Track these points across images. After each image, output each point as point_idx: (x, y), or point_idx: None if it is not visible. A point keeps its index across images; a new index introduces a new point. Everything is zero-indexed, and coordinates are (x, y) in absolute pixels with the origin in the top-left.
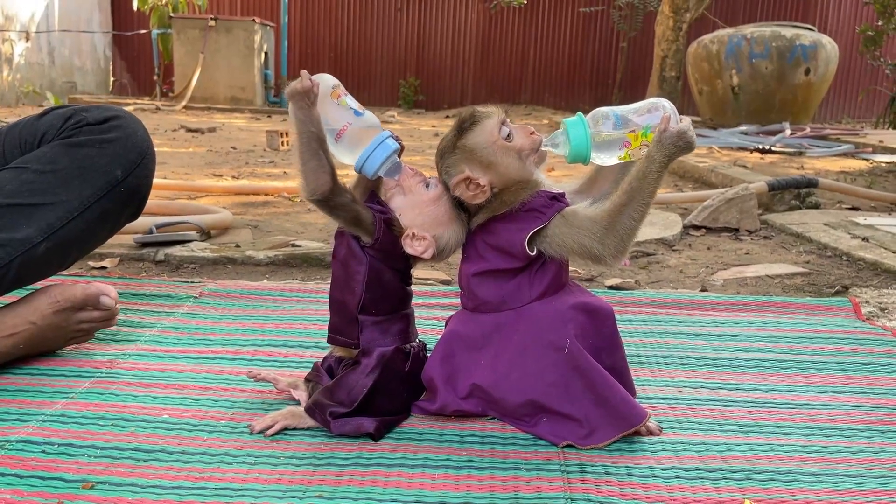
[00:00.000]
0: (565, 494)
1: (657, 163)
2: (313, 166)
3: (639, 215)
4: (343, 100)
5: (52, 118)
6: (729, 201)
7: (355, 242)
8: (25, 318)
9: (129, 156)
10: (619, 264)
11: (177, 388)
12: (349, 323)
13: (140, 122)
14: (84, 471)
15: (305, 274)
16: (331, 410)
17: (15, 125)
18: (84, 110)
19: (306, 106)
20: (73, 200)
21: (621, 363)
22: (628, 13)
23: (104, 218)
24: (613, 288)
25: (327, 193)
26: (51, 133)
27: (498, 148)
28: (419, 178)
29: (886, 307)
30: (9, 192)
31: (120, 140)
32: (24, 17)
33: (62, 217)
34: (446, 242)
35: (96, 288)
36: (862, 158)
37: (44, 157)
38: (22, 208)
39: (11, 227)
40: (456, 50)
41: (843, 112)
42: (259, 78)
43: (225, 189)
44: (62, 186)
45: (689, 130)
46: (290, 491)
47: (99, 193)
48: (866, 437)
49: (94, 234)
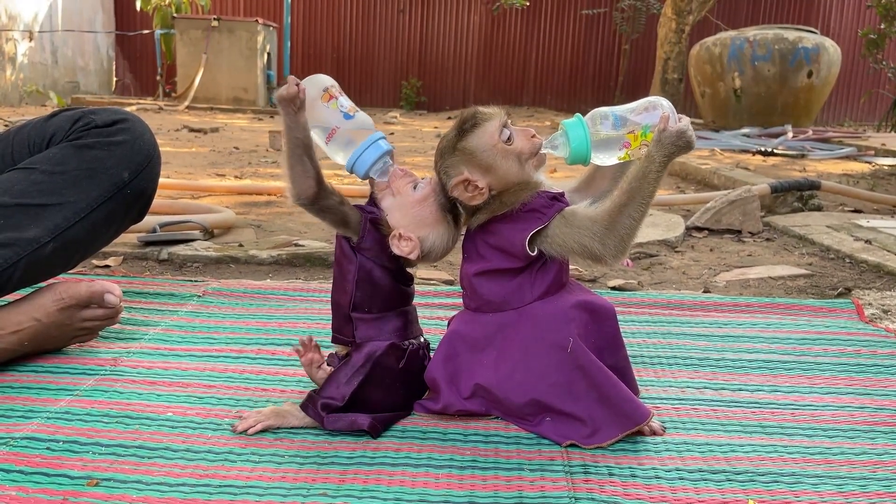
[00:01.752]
0: (569, 494)
1: (657, 162)
2: (298, 171)
3: (639, 215)
4: (334, 102)
5: (60, 120)
6: (731, 203)
7: (346, 242)
8: (30, 315)
9: (136, 158)
10: (620, 264)
11: (181, 385)
12: (345, 321)
13: (146, 126)
14: (88, 468)
15: (308, 273)
16: (322, 403)
17: (23, 126)
18: (92, 113)
19: (293, 112)
20: (81, 202)
21: (623, 362)
22: (630, 15)
23: (110, 219)
24: (616, 289)
25: (312, 198)
26: (59, 135)
27: (498, 151)
28: (408, 180)
29: (889, 309)
30: (18, 192)
31: (127, 143)
32: (27, 16)
33: (69, 218)
34: (432, 244)
35: (101, 286)
36: (864, 161)
37: (52, 159)
38: (30, 208)
39: (20, 227)
40: (458, 51)
41: (846, 115)
42: (262, 79)
43: (228, 189)
44: (70, 187)
45: (688, 129)
46: (294, 489)
47: (106, 195)
48: (869, 438)
49: (99, 235)
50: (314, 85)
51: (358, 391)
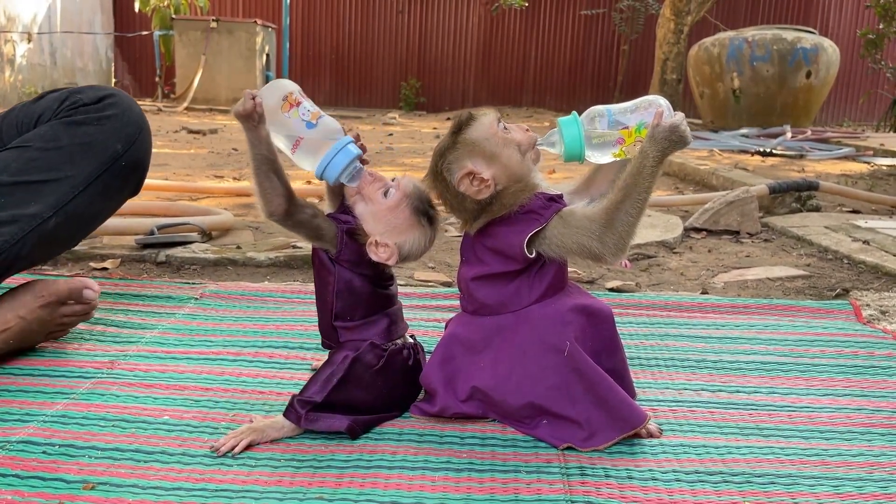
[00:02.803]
0: (565, 497)
1: (651, 158)
2: (266, 188)
3: (636, 211)
4: (295, 111)
5: (47, 101)
6: (730, 204)
7: (324, 254)
8: (15, 313)
9: (126, 130)
10: (619, 262)
11: (178, 389)
12: (330, 329)
13: (133, 100)
14: (85, 472)
15: (306, 275)
16: (300, 401)
17: (10, 111)
18: (78, 91)
19: (252, 127)
20: (78, 175)
21: (621, 365)
22: (629, 16)
23: (108, 192)
24: (614, 290)
25: (283, 214)
26: (47, 114)
27: (498, 140)
28: (378, 185)
29: (887, 310)
30: (14, 169)
31: (117, 116)
32: (26, 18)
33: (68, 192)
34: (409, 248)
35: (79, 282)
36: (863, 161)
37: (45, 136)
38: (29, 185)
39: (20, 204)
40: (457, 52)
41: (844, 115)
42: (261, 80)
43: (226, 190)
44: (66, 162)
45: (681, 124)
46: (291, 493)
47: (102, 168)
48: (866, 440)
49: (99, 208)
50: (273, 94)
51: (338, 389)
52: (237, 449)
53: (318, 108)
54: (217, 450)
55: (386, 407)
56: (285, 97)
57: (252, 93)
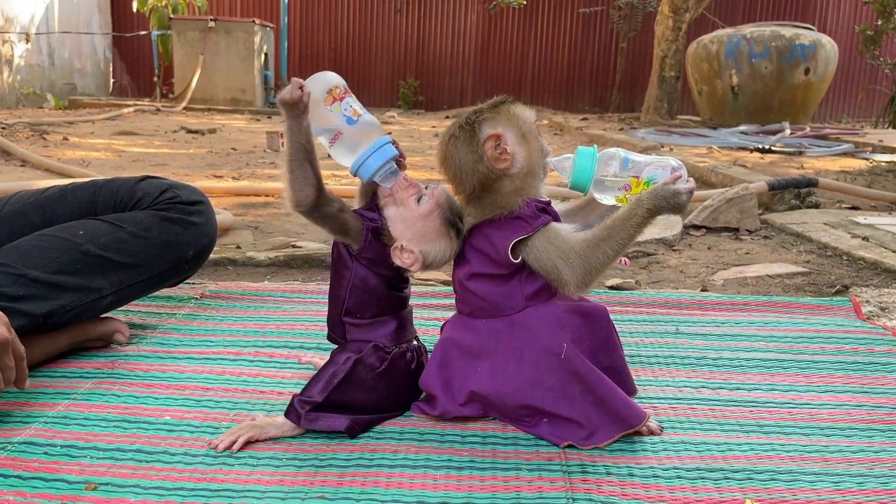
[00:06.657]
0: (567, 494)
1: (644, 208)
2: (299, 177)
3: (613, 253)
4: (338, 105)
5: (148, 186)
6: (729, 201)
7: (344, 248)
8: (43, 349)
9: (203, 241)
10: (579, 296)
11: (178, 388)
12: (338, 324)
13: (213, 210)
14: (87, 472)
15: (306, 275)
16: (300, 400)
17: (111, 182)
18: (177, 188)
19: (296, 115)
20: (150, 269)
21: (619, 363)
22: (628, 13)
23: (161, 284)
24: (614, 288)
25: (311, 205)
26: (146, 200)
27: (534, 129)
28: (412, 191)
29: (887, 306)
30: (103, 244)
31: (201, 225)
32: (24, 18)
33: (134, 278)
34: (433, 258)
35: (113, 326)
36: (861, 158)
37: (140, 223)
38: (107, 262)
39: (92, 276)
40: (455, 51)
41: (843, 111)
42: (259, 79)
43: (225, 190)
44: (146, 253)
45: (686, 195)
46: (293, 492)
47: (170, 267)
48: (867, 436)
49: (146, 293)
50: (318, 86)
51: (339, 390)
52: (235, 446)
53: (362, 106)
54: (215, 447)
55: (387, 408)
56: (330, 90)
57: (300, 81)
